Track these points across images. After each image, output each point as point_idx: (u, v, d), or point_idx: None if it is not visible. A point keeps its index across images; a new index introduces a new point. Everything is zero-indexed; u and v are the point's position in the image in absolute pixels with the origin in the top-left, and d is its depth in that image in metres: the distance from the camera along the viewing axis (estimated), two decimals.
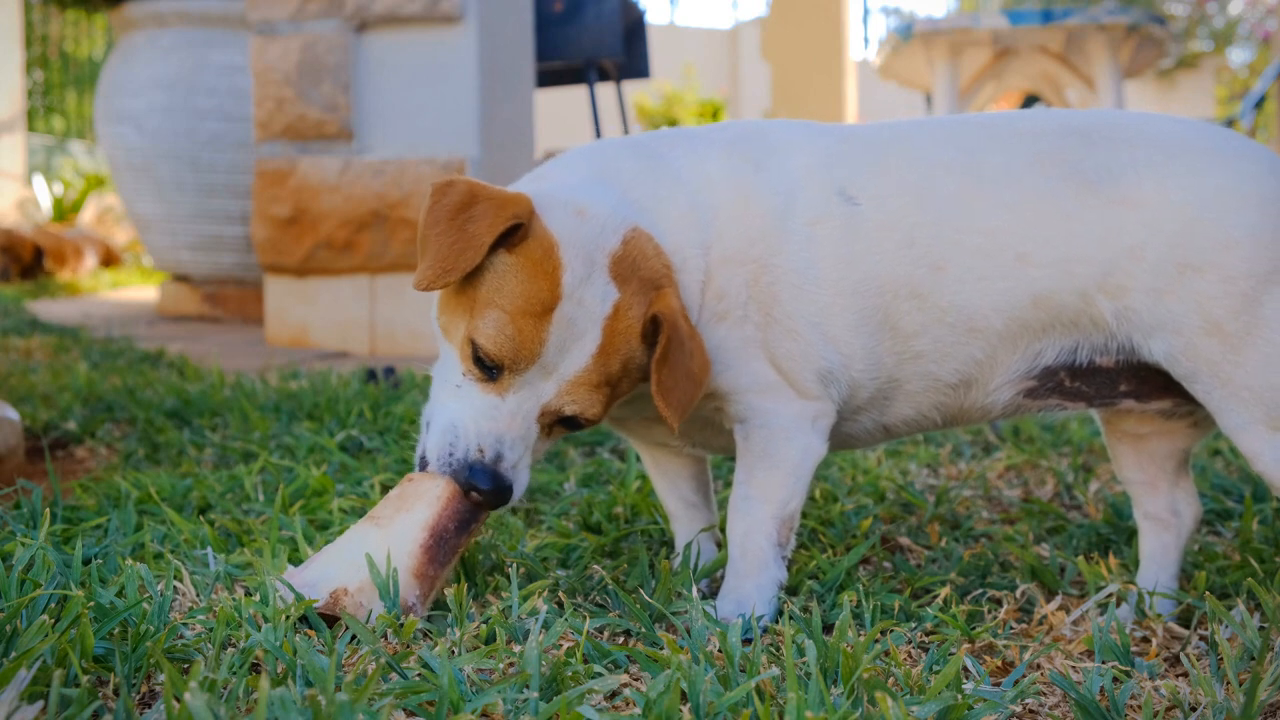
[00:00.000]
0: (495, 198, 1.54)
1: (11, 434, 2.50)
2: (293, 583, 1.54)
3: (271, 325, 5.17)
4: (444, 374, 1.61)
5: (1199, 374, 1.57)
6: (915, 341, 1.66)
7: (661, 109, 11.46)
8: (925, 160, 1.67)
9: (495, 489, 1.54)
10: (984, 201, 1.63)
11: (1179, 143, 1.61)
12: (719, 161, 1.69)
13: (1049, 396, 1.69)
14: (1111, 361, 1.64)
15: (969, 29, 7.17)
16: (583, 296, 1.53)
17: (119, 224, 12.19)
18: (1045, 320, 1.63)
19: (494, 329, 1.52)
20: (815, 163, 1.68)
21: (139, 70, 6.24)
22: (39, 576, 1.58)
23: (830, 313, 1.65)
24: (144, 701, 1.33)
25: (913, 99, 13.52)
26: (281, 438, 2.76)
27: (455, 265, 1.50)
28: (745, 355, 1.67)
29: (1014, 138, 1.66)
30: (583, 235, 1.55)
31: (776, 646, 1.50)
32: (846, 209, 1.65)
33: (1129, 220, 1.57)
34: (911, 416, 1.75)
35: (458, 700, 1.23)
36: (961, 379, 1.69)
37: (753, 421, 1.69)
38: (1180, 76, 15.77)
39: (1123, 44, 7.15)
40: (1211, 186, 1.56)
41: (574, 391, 1.56)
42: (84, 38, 16.48)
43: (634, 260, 1.57)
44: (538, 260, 1.52)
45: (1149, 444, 1.82)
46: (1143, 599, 1.71)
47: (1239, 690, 1.32)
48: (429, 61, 4.94)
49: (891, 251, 1.64)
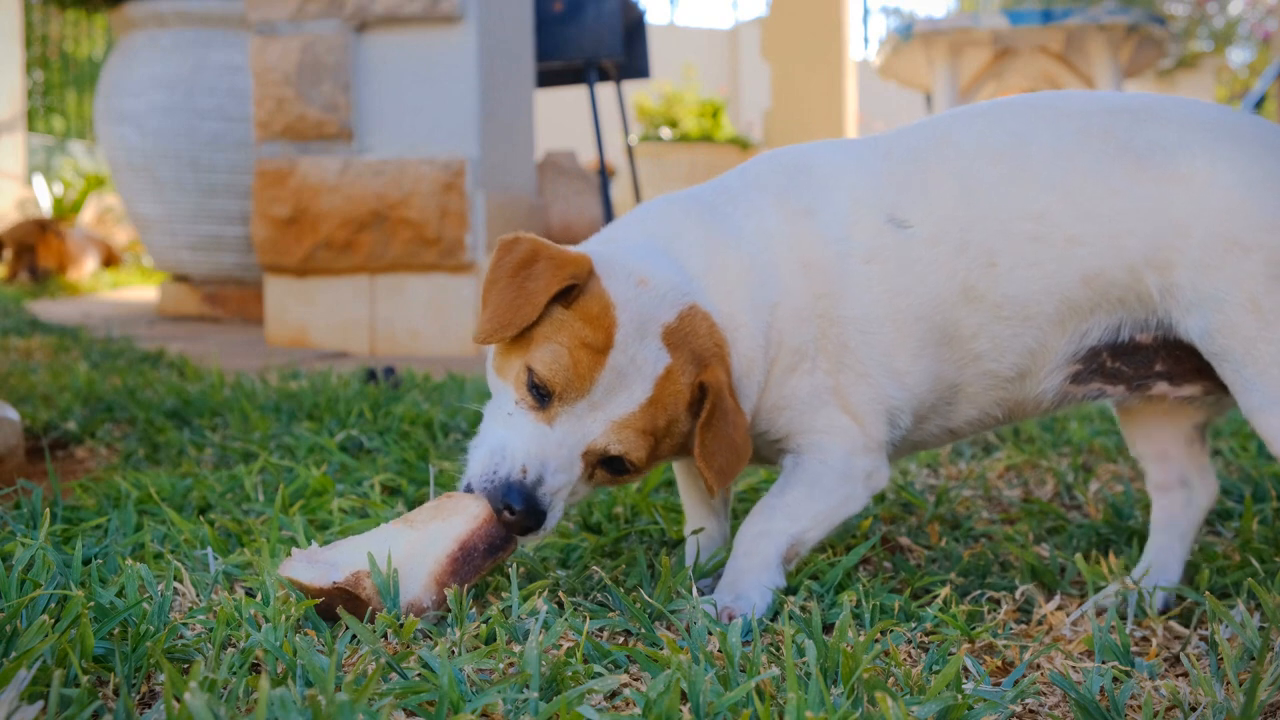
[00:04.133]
0: (556, 257, 1.59)
1: (11, 434, 2.50)
2: (314, 559, 1.55)
3: (271, 325, 5.17)
4: (496, 408, 1.65)
5: (1231, 351, 1.59)
6: (974, 344, 1.70)
7: (661, 109, 11.46)
8: (968, 154, 1.69)
9: (528, 510, 1.56)
10: (1032, 184, 1.65)
11: (1226, 127, 1.64)
12: (774, 215, 1.72)
13: (1092, 380, 1.72)
14: (1150, 338, 1.67)
15: (969, 29, 7.17)
16: (635, 354, 1.58)
17: (119, 224, 12.20)
18: (1093, 299, 1.65)
19: (550, 356, 1.56)
20: (863, 192, 1.72)
21: (139, 70, 6.24)
22: (39, 576, 1.58)
23: (895, 346, 1.69)
24: (144, 701, 1.33)
25: (913, 99, 13.52)
26: (281, 438, 2.76)
27: (512, 320, 1.56)
28: (816, 403, 1.72)
29: (1061, 116, 1.69)
30: (640, 303, 1.60)
31: (776, 646, 1.50)
32: (899, 237, 1.68)
33: (1178, 196, 1.60)
34: (975, 417, 1.79)
35: (458, 700, 1.23)
36: (1018, 371, 1.72)
37: (811, 455, 1.74)
38: (1180, 76, 15.77)
39: (1123, 44, 7.15)
40: (1259, 170, 1.60)
41: (620, 432, 1.59)
42: (84, 38, 16.48)
43: (686, 334, 1.62)
44: (594, 314, 1.58)
45: (1159, 418, 1.85)
46: (1143, 597, 1.71)
47: (1239, 690, 1.32)
48: (429, 61, 4.94)
49: (946, 263, 1.67)
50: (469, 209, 4.90)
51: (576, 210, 6.13)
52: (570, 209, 6.13)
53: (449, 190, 4.89)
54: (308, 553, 1.57)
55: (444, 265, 4.94)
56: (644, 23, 6.87)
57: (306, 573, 1.54)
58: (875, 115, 15.72)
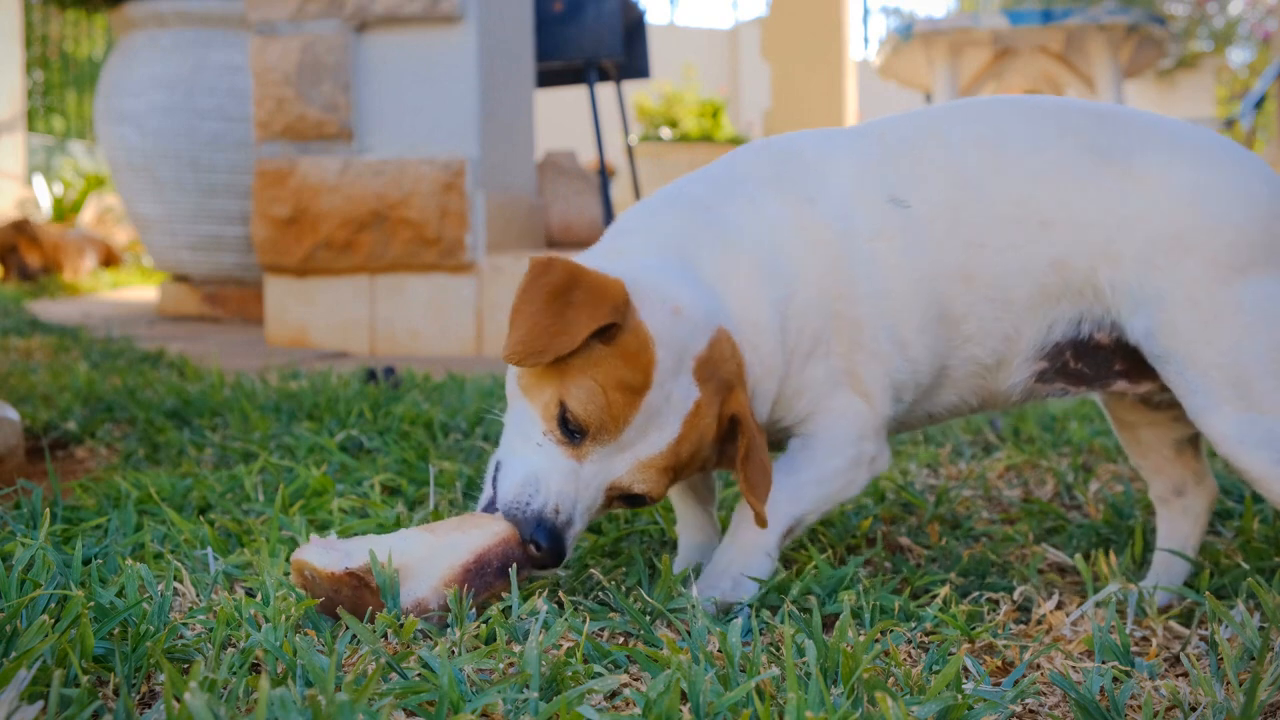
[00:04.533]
0: (594, 287, 1.56)
1: (11, 434, 2.50)
2: (330, 547, 1.56)
3: (271, 325, 5.17)
4: (521, 428, 1.64)
5: (1173, 353, 1.64)
6: (964, 325, 1.74)
7: (661, 109, 11.45)
8: (957, 141, 1.75)
9: (553, 549, 1.57)
10: (1012, 172, 1.72)
11: (1187, 137, 1.72)
12: (775, 206, 1.74)
13: (1055, 380, 1.77)
14: (1107, 338, 1.73)
15: (969, 29, 7.17)
16: (670, 391, 1.59)
17: (119, 224, 12.19)
18: (1059, 287, 1.71)
19: (587, 395, 1.56)
20: (860, 172, 1.75)
21: (139, 70, 6.24)
22: (39, 576, 1.58)
23: (902, 319, 1.73)
24: (144, 701, 1.33)
25: (913, 99, 13.52)
26: (281, 438, 2.76)
27: (548, 348, 1.54)
28: (830, 386, 1.74)
29: (1038, 114, 1.76)
30: (677, 336, 1.60)
31: (776, 646, 1.50)
32: (900, 214, 1.72)
33: (1133, 192, 1.67)
34: (954, 403, 1.83)
35: (458, 700, 1.23)
36: (996, 359, 1.77)
37: (820, 438, 1.76)
38: (1180, 76, 15.77)
39: (1123, 44, 7.15)
40: (1210, 178, 1.67)
41: (644, 472, 1.60)
42: (84, 38, 16.48)
43: (715, 363, 1.63)
44: (634, 353, 1.57)
45: (1142, 432, 1.93)
46: (1143, 597, 1.71)
47: (1239, 690, 1.32)
48: (429, 61, 4.94)
49: (942, 240, 1.72)
50: (469, 209, 4.90)
51: (576, 210, 6.13)
52: (570, 209, 6.13)
53: (449, 190, 4.89)
54: (325, 541, 1.58)
55: (444, 265, 4.94)
56: (644, 23, 6.87)
57: (320, 558, 1.54)
58: (875, 115, 15.71)
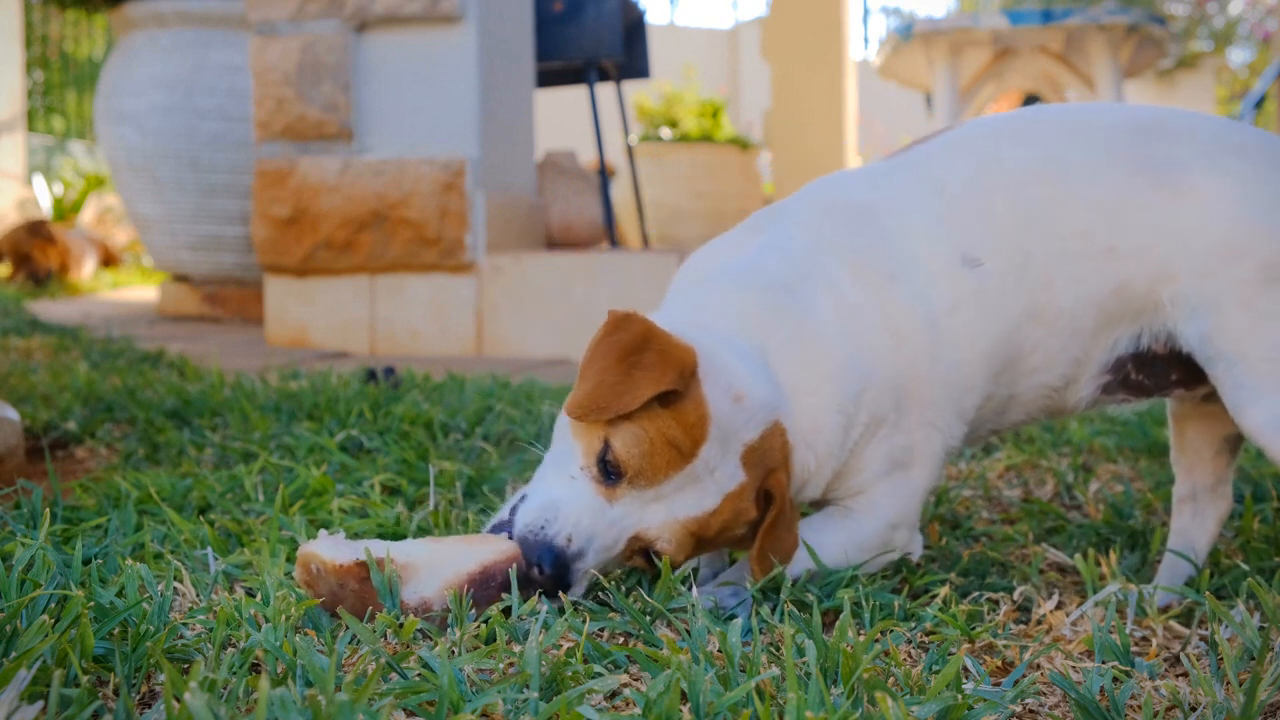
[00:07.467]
0: (664, 351, 1.57)
1: (11, 434, 2.50)
2: (338, 542, 1.57)
3: (271, 325, 5.17)
4: (558, 462, 1.65)
5: (1223, 352, 1.66)
6: (1031, 359, 1.76)
7: (661, 109, 11.44)
8: (1018, 178, 1.75)
9: (555, 578, 1.57)
10: (1076, 203, 1.73)
11: (1229, 140, 1.74)
12: (854, 289, 1.73)
13: (1118, 391, 1.81)
14: (1162, 348, 1.75)
15: (969, 29, 7.17)
16: (715, 467, 1.60)
17: (119, 224, 12.18)
18: (1121, 310, 1.73)
19: (633, 439, 1.57)
20: (933, 233, 1.75)
21: (139, 70, 6.23)
22: (39, 576, 1.58)
23: (968, 389, 1.75)
24: (144, 701, 1.33)
25: (913, 99, 13.52)
26: (281, 438, 2.76)
27: (611, 405, 1.55)
28: (888, 465, 1.75)
29: (1088, 134, 1.77)
30: (732, 422, 1.61)
31: (776, 646, 1.50)
32: (974, 278, 1.73)
33: (1187, 209, 1.69)
34: (1021, 419, 1.87)
35: (458, 700, 1.23)
36: (1065, 380, 1.79)
37: (861, 516, 1.78)
38: (1180, 76, 15.76)
39: (1123, 44, 7.14)
40: (1258, 183, 1.69)
41: (674, 530, 1.61)
42: (84, 38, 16.48)
43: (763, 453, 1.64)
44: (688, 421, 1.58)
45: (1189, 426, 1.93)
46: (1143, 597, 1.71)
47: (1239, 690, 1.32)
48: (429, 61, 4.94)
49: (1013, 289, 1.73)
50: (469, 209, 4.90)
51: (576, 210, 6.12)
52: (570, 209, 6.13)
53: (449, 190, 4.89)
54: (333, 538, 1.59)
55: (444, 265, 4.94)
56: (644, 23, 6.87)
57: (328, 550, 1.55)
58: (875, 115, 15.71)
